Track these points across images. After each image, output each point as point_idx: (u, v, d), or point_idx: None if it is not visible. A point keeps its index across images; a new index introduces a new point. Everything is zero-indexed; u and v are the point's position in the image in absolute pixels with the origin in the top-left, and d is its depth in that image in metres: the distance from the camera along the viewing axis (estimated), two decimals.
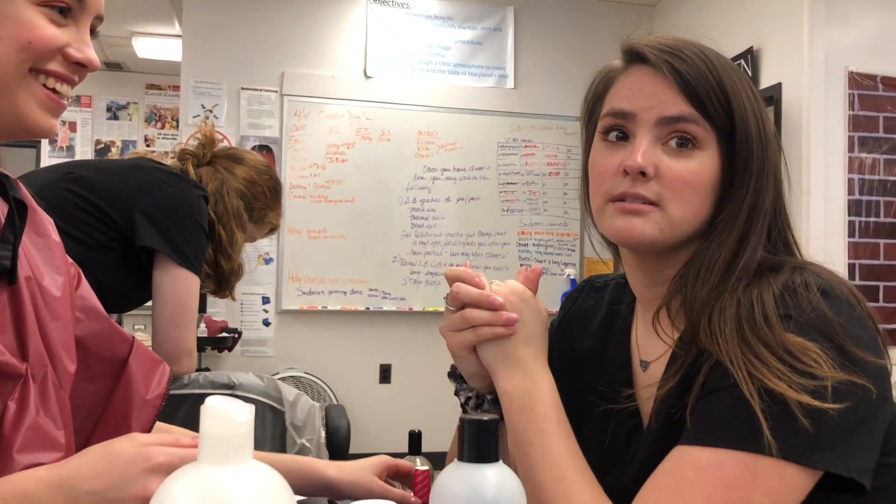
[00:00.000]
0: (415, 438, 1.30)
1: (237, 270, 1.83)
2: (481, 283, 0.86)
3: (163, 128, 6.78)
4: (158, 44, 5.76)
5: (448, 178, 4.66)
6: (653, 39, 0.87)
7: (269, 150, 4.42)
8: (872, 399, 0.74)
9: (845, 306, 0.77)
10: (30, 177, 1.71)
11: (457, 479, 0.60)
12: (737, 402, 0.72)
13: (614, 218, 0.85)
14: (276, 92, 4.47)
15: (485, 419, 0.60)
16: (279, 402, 1.69)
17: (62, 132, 6.60)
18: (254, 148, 4.37)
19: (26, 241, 0.82)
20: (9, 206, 0.80)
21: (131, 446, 0.65)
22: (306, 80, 4.49)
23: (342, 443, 2.12)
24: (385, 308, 4.56)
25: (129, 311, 1.89)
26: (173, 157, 1.91)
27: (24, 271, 0.79)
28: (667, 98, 0.83)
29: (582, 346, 1.01)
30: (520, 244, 4.73)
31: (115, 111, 6.74)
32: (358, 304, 4.53)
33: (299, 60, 4.52)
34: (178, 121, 5.14)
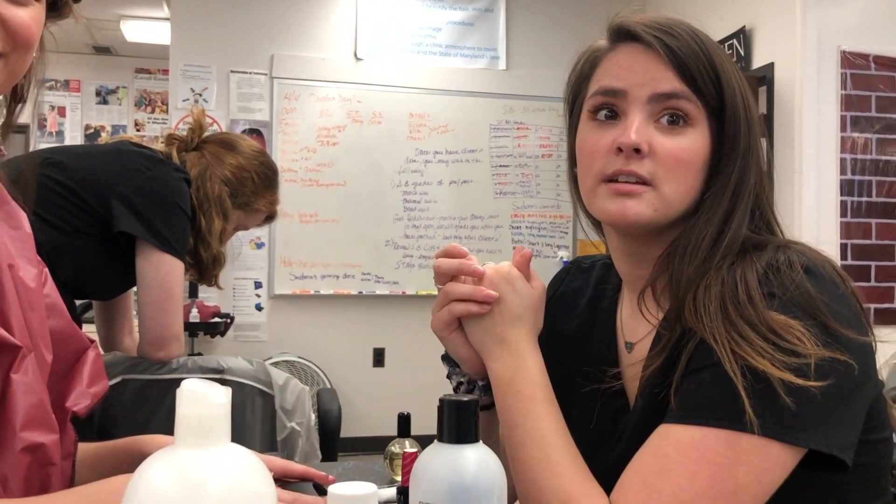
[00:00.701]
0: (404, 421, 1.30)
1: (218, 258, 1.79)
2: (463, 253, 0.87)
3: (153, 112, 6.74)
4: (147, 27, 5.72)
5: (440, 160, 4.64)
6: (642, 17, 0.86)
7: (259, 133, 4.40)
8: (855, 376, 0.74)
9: (829, 284, 0.76)
10: (10, 163, 1.68)
11: (437, 459, 0.60)
12: (720, 381, 0.72)
13: (607, 200, 0.83)
14: (266, 75, 4.44)
15: (464, 399, 0.60)
16: (268, 385, 1.69)
17: (51, 117, 6.56)
18: (244, 132, 4.35)
19: (1, 232, 0.81)
20: None
21: None
22: (296, 62, 4.46)
23: (333, 426, 2.13)
24: (378, 292, 4.56)
25: (113, 297, 1.87)
26: (162, 142, 1.89)
27: (5, 259, 0.79)
28: (659, 74, 0.82)
29: (569, 328, 1.00)
30: (513, 227, 4.73)
31: (104, 95, 6.69)
32: (351, 289, 4.53)
33: (289, 43, 4.49)
34: (168, 105, 5.10)
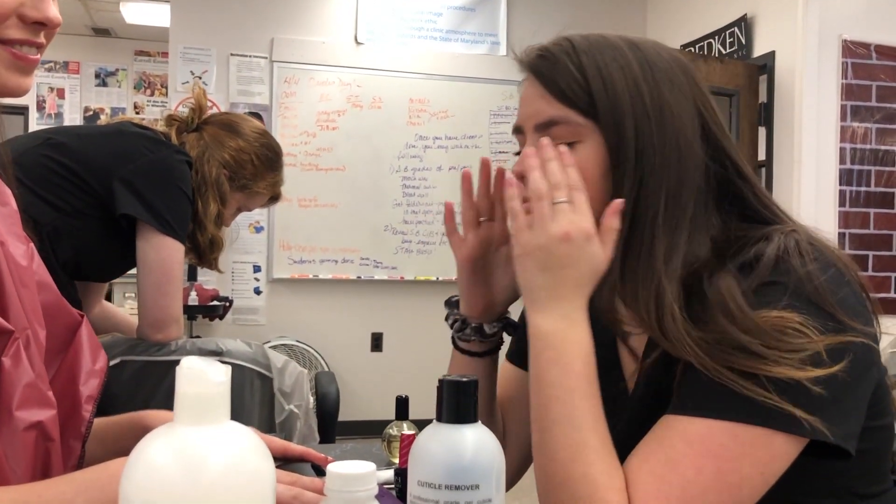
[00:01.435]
0: (402, 404, 1.30)
1: (215, 242, 1.78)
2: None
3: (152, 95, 6.72)
4: (147, 9, 5.68)
5: (440, 146, 4.63)
6: (536, 45, 0.88)
7: (258, 117, 4.35)
8: (858, 365, 0.74)
9: (834, 271, 0.77)
10: (11, 143, 1.68)
11: (435, 439, 0.60)
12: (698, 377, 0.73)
13: None
14: (266, 58, 4.42)
15: (463, 380, 0.60)
16: (267, 368, 1.69)
17: (50, 99, 6.54)
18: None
19: None
20: None
21: None
22: (296, 46, 4.44)
23: (331, 409, 2.13)
24: (376, 277, 4.56)
25: (112, 278, 1.87)
26: (162, 123, 1.88)
27: None
28: (539, 103, 0.84)
29: None
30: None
31: (103, 78, 6.66)
32: (349, 273, 4.53)
33: (289, 26, 4.47)
34: (167, 88, 5.08)
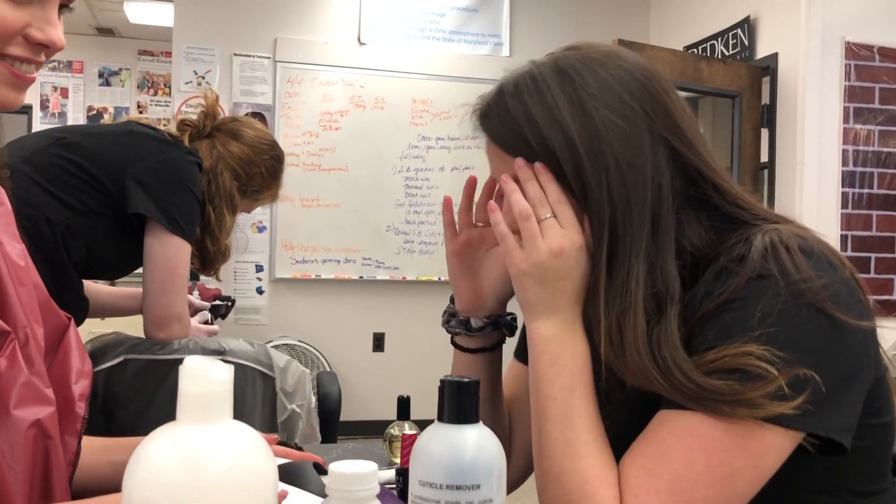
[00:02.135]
0: (403, 404, 1.31)
1: (224, 253, 1.81)
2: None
3: (155, 94, 6.73)
4: (150, 9, 5.69)
5: (442, 147, 4.64)
6: (480, 98, 0.91)
7: (262, 117, 4.38)
8: (853, 361, 0.74)
9: (826, 266, 0.76)
10: (21, 141, 1.69)
11: (437, 439, 0.60)
12: (714, 369, 0.73)
13: None
14: (269, 58, 4.43)
15: (465, 380, 0.60)
16: (270, 368, 1.69)
17: (54, 98, 6.55)
18: (246, 115, 4.34)
19: None
20: None
21: None
22: (300, 46, 4.45)
23: (333, 409, 2.14)
24: (378, 277, 4.57)
25: (120, 277, 1.88)
26: (167, 125, 1.89)
27: None
28: (498, 163, 0.87)
29: None
30: None
31: (107, 77, 6.67)
32: (351, 273, 4.53)
33: (293, 26, 4.47)
34: (170, 87, 5.09)
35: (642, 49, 3.69)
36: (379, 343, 4.62)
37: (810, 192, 3.52)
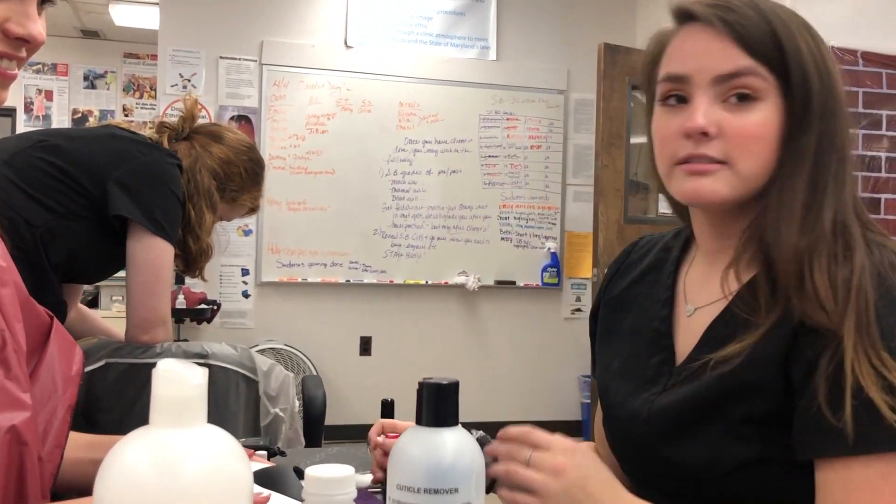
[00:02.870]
0: (387, 406, 1.30)
1: (206, 251, 1.80)
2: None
3: (141, 97, 6.69)
4: (136, 11, 5.67)
5: (429, 150, 4.63)
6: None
7: (248, 120, 4.37)
8: None
9: None
10: (1, 143, 1.68)
11: (415, 442, 0.60)
12: (870, 405, 0.72)
13: (682, 181, 0.85)
14: (256, 61, 4.41)
15: (444, 383, 0.59)
16: (253, 371, 1.68)
17: (38, 101, 6.50)
18: (232, 118, 4.33)
19: None
20: None
21: None
22: (286, 49, 4.44)
23: (318, 413, 2.13)
24: (365, 281, 4.55)
25: (100, 280, 1.88)
26: (151, 128, 1.89)
27: None
28: (721, 54, 0.83)
29: (624, 287, 1.03)
30: (501, 217, 4.72)
31: (92, 80, 6.64)
32: (338, 277, 4.52)
33: (279, 29, 4.46)
34: (156, 90, 5.07)
35: (628, 52, 3.69)
36: (366, 347, 4.60)
37: None
